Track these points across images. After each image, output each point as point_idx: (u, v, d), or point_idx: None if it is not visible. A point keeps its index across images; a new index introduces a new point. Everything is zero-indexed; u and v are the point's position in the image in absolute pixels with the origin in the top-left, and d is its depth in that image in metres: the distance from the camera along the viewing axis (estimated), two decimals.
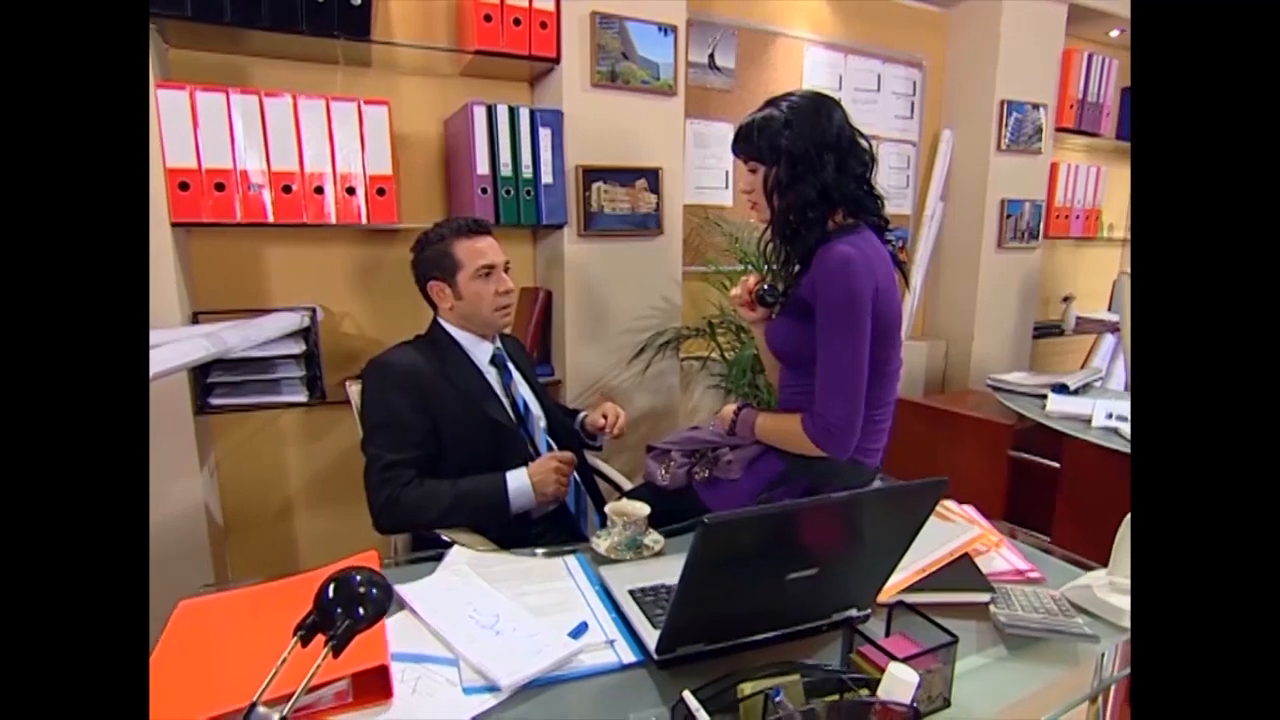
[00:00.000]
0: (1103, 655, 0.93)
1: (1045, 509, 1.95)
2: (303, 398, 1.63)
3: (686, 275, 2.19)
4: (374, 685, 0.77)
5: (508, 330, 1.52)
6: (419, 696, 0.77)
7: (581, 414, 1.61)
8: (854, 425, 1.18)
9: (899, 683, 0.66)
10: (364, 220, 1.64)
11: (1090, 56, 2.82)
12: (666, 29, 1.94)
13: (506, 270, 1.42)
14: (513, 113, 1.75)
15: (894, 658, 0.73)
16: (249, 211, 1.53)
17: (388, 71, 1.84)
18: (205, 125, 1.47)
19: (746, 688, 0.69)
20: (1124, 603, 0.94)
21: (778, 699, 0.63)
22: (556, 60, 1.83)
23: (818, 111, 1.23)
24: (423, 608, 0.92)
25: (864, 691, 0.68)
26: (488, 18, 1.70)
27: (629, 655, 0.85)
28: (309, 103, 1.55)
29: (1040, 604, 0.96)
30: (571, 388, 2.02)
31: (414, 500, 1.26)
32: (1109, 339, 3.40)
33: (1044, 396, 2.05)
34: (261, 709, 0.57)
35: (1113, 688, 1.06)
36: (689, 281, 2.23)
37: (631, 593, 0.97)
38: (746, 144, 1.26)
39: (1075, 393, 2.08)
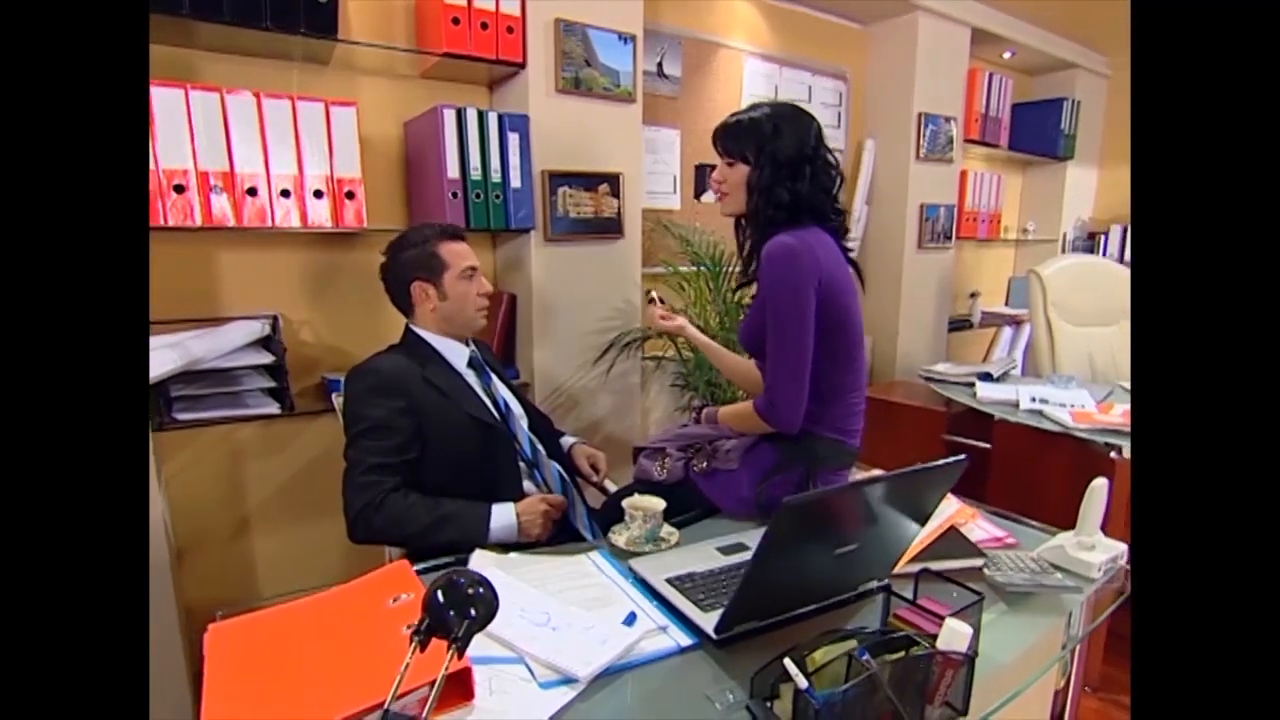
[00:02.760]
0: (1070, 614, 1.07)
1: (978, 486, 2.15)
2: (274, 409, 1.56)
3: (644, 277, 2.24)
4: (451, 690, 0.77)
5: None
6: (497, 696, 0.79)
7: (566, 440, 1.66)
8: (799, 404, 1.26)
9: (956, 634, 0.74)
10: (331, 225, 1.59)
11: (990, 75, 3.11)
12: (626, 37, 1.99)
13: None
14: (481, 116, 1.74)
15: (939, 616, 0.82)
16: (210, 215, 1.45)
17: (346, 71, 1.78)
18: (163, 123, 1.38)
19: (818, 656, 0.76)
20: (1092, 558, 1.08)
21: (864, 658, 0.70)
22: (522, 65, 1.83)
23: (799, 123, 1.32)
24: None
25: (924, 646, 0.76)
26: (455, 20, 1.68)
27: (684, 639, 0.90)
28: (273, 102, 1.49)
29: (1024, 564, 1.09)
30: (538, 390, 2.03)
31: (395, 512, 1.24)
32: (1007, 331, 3.76)
33: (972, 385, 2.26)
34: (395, 710, 0.58)
35: (1079, 645, 1.21)
36: (647, 283, 2.28)
37: (668, 581, 1.01)
38: (734, 141, 1.33)
39: (998, 380, 2.30)
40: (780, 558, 0.80)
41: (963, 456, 0.88)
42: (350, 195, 1.61)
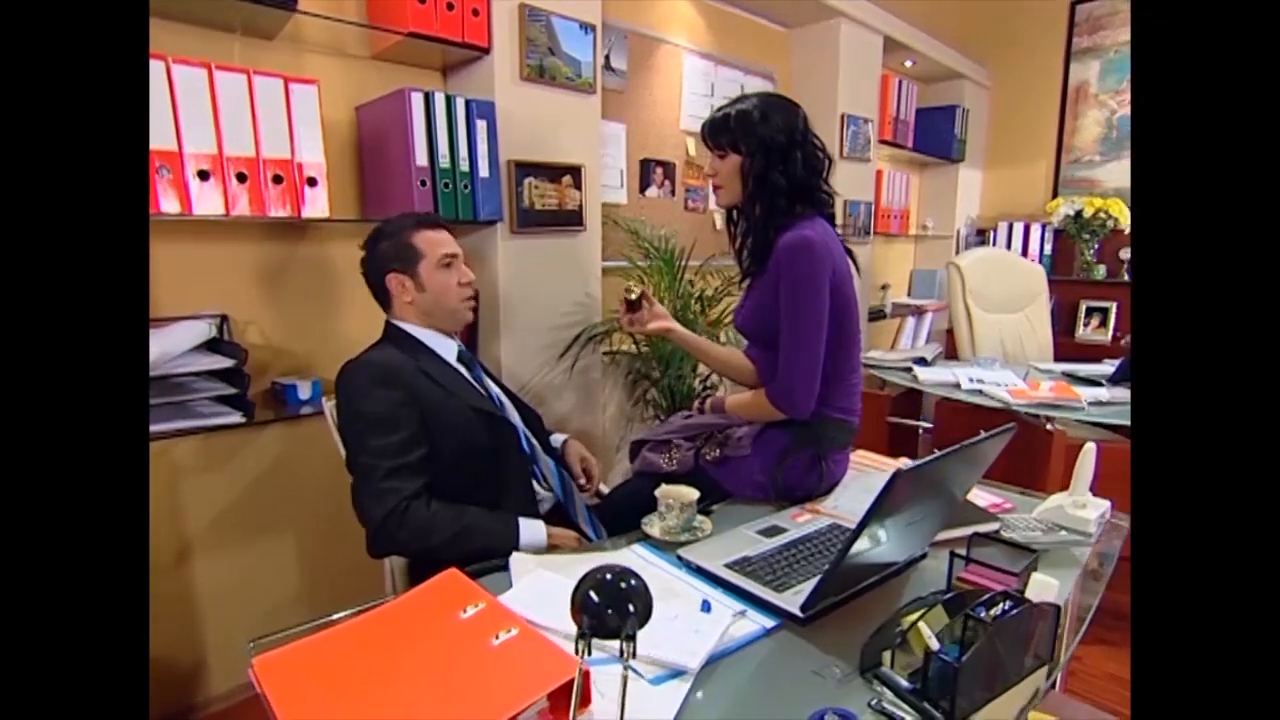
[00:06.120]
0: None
1: None
2: (234, 419, 1.40)
3: (603, 271, 2.21)
4: (560, 698, 0.73)
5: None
6: (612, 698, 0.75)
7: (557, 437, 1.61)
8: (812, 391, 1.31)
9: (1046, 586, 0.80)
10: (291, 214, 1.45)
11: (900, 81, 3.34)
12: (587, 27, 1.95)
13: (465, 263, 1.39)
14: (449, 102, 1.65)
15: (1009, 572, 0.87)
16: (156, 201, 1.28)
17: (294, 47, 1.63)
18: None
19: (931, 619, 0.78)
20: (1087, 514, 1.19)
21: (981, 615, 0.73)
22: (487, 50, 1.76)
23: (787, 110, 1.36)
24: (539, 617, 0.88)
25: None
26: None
27: (766, 621, 0.90)
28: (226, 77, 1.34)
29: (1031, 524, 1.18)
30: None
31: (419, 522, 1.15)
32: (910, 320, 4.05)
33: (909, 370, 2.41)
34: None
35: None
36: (605, 276, 2.26)
37: (727, 566, 1.01)
38: (724, 133, 1.36)
39: (930, 364, 2.48)
40: (872, 531, 0.82)
41: (1011, 425, 0.94)
42: (312, 182, 1.47)
